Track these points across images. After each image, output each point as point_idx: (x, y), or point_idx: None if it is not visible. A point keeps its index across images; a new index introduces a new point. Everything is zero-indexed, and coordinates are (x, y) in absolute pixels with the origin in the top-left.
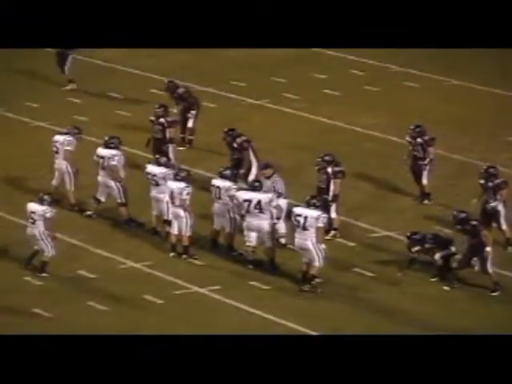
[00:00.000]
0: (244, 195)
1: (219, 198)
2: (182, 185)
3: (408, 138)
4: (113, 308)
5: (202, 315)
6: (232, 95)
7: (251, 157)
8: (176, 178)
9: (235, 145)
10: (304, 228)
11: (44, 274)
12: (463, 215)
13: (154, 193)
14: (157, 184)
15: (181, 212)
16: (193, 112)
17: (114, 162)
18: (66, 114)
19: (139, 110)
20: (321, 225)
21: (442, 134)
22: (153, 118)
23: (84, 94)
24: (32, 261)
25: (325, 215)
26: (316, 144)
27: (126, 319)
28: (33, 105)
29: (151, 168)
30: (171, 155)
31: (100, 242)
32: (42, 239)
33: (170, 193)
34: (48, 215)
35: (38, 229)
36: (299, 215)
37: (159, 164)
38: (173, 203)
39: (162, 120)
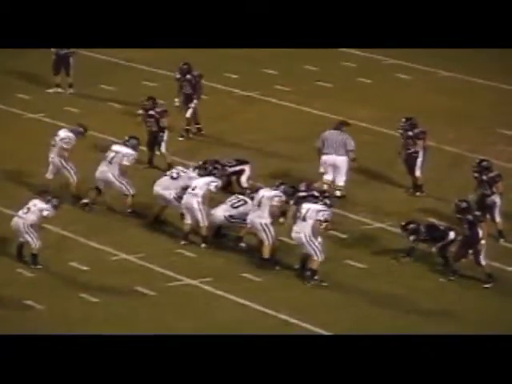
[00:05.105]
0: None
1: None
2: (209, 178)
3: (400, 131)
4: (105, 300)
5: (194, 307)
6: (225, 87)
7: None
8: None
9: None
10: (303, 219)
11: (38, 266)
12: (465, 205)
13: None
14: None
15: (194, 203)
16: (195, 102)
17: (126, 163)
18: (59, 105)
19: (132, 102)
20: (320, 218)
21: (435, 125)
22: (141, 112)
23: (76, 86)
24: (22, 255)
25: (328, 211)
26: (308, 136)
27: (118, 311)
28: (25, 97)
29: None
30: (164, 144)
31: (92, 234)
32: (27, 232)
33: (193, 186)
34: (45, 213)
35: (25, 220)
36: (303, 208)
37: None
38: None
39: (152, 112)
